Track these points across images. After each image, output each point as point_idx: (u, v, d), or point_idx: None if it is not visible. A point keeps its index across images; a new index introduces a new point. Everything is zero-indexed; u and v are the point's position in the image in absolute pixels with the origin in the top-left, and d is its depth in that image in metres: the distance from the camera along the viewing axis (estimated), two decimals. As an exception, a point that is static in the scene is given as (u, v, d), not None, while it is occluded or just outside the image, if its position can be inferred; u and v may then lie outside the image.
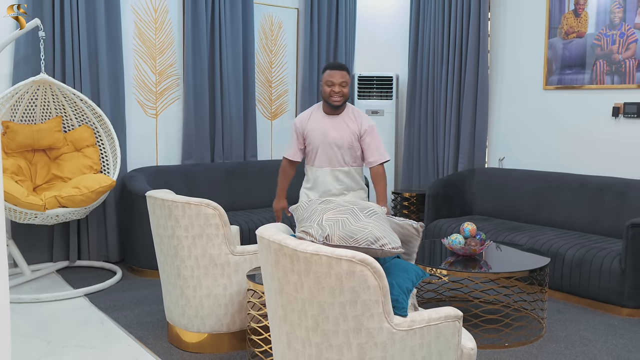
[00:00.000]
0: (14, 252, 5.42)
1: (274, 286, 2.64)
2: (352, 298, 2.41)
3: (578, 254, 5.01)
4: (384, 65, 8.02)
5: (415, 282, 2.83)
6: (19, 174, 5.36)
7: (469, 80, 6.87)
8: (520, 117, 6.69)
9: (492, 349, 4.10)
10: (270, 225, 2.79)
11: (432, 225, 6.25)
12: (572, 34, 6.11)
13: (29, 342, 4.11)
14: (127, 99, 6.21)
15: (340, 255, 2.38)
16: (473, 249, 4.45)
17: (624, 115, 5.76)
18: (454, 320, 2.72)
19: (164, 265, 4.06)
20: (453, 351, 2.74)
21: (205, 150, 6.62)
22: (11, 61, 5.56)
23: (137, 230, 5.69)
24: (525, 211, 6.23)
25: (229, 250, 3.93)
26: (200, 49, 6.48)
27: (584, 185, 5.85)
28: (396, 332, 2.50)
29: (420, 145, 7.56)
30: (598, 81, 5.93)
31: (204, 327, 3.96)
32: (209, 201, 3.84)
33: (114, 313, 4.73)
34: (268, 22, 7.22)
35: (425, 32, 7.41)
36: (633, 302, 4.73)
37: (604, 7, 5.86)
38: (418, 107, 7.57)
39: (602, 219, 5.64)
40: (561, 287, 5.14)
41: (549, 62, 6.34)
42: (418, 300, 4.93)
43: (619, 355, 4.01)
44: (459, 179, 6.71)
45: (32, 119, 5.61)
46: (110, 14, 5.94)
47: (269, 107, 7.34)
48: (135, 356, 3.94)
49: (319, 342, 2.51)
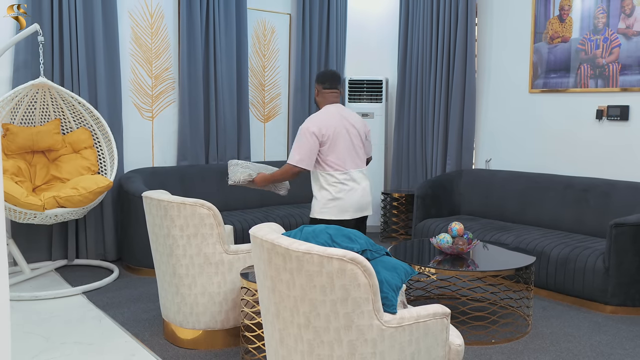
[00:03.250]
0: (14, 251, 5.42)
1: (266, 284, 2.64)
2: (342, 296, 2.42)
3: (563, 253, 5.05)
4: (374, 69, 8.03)
5: (404, 280, 2.80)
6: (19, 175, 5.36)
7: (457, 84, 6.89)
8: (507, 120, 6.71)
9: (479, 346, 4.13)
10: (263, 224, 2.80)
11: (421, 225, 6.28)
12: (557, 39, 6.16)
13: (28, 339, 4.13)
14: (124, 102, 6.23)
15: (331, 254, 2.39)
16: (461, 248, 4.46)
17: (607, 117, 5.80)
18: (442, 318, 2.73)
19: (160, 263, 4.07)
20: (441, 347, 2.75)
21: (200, 152, 6.64)
22: (11, 65, 5.57)
23: (133, 229, 5.70)
24: (511, 211, 6.26)
25: (223, 249, 3.93)
26: (195, 53, 6.50)
27: (569, 186, 5.87)
28: (386, 329, 2.51)
29: (409, 147, 7.57)
30: (582, 85, 5.97)
31: (199, 324, 3.97)
32: (204, 201, 3.85)
33: (111, 310, 4.74)
34: (261, 27, 7.26)
35: (414, 36, 7.42)
36: (616, 299, 4.78)
37: (588, 13, 5.91)
38: (407, 109, 7.59)
39: (586, 219, 5.66)
40: (546, 285, 5.17)
41: (534, 66, 6.38)
42: (407, 297, 4.94)
43: (603, 352, 4.05)
44: (447, 180, 6.73)
45: (31, 122, 5.61)
46: (107, 20, 5.95)
47: (262, 110, 7.38)
48: (131, 352, 3.95)
49: (311, 338, 2.52)
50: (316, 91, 4.45)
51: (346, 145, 4.26)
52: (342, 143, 4.25)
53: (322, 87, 4.40)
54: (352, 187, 4.28)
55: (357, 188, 4.30)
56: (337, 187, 4.25)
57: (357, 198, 4.30)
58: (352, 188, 4.28)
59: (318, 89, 4.43)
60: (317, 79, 4.42)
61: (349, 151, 4.28)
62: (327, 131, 4.19)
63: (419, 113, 7.45)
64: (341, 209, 4.26)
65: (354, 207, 4.30)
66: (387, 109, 7.87)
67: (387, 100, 7.86)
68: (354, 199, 4.29)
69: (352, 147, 4.30)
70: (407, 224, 7.35)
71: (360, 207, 4.34)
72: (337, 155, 4.23)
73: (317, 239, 2.72)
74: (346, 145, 4.26)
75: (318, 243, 2.68)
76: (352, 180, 4.29)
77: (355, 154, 4.33)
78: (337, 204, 4.26)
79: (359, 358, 2.50)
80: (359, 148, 4.37)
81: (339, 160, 4.24)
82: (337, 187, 4.25)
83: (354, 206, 4.30)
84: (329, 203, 4.27)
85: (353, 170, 4.30)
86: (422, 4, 7.27)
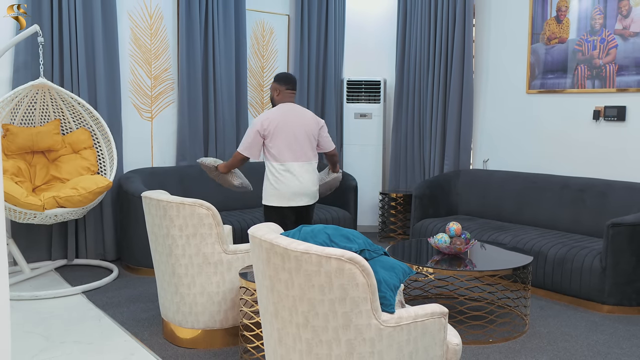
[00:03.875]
0: (14, 250, 5.43)
1: (265, 284, 2.65)
2: (341, 295, 2.42)
3: (560, 253, 5.06)
4: (372, 69, 8.06)
5: (402, 280, 2.81)
6: (19, 175, 5.37)
7: (455, 85, 6.90)
8: (504, 120, 6.73)
9: (477, 345, 4.14)
10: (262, 224, 2.81)
11: (419, 225, 6.30)
12: (554, 40, 6.19)
13: (28, 338, 4.14)
14: (124, 102, 6.25)
15: (329, 254, 2.39)
16: (458, 247, 4.47)
17: (604, 118, 5.81)
18: (439, 317, 2.74)
19: (159, 263, 4.08)
20: (439, 347, 2.76)
21: (199, 152, 6.65)
22: (11, 66, 5.58)
23: (133, 229, 5.71)
24: (508, 211, 6.28)
25: (222, 249, 3.95)
26: (194, 54, 6.52)
27: (566, 186, 5.89)
28: (384, 328, 2.51)
29: (407, 147, 7.59)
30: (579, 85, 5.99)
31: (198, 324, 3.98)
32: (203, 201, 3.86)
33: (110, 310, 4.75)
34: (260, 28, 7.28)
35: (412, 37, 7.44)
36: (613, 299, 4.80)
37: (585, 14, 5.93)
38: (405, 110, 7.60)
39: (583, 219, 5.68)
40: (544, 285, 5.19)
41: (531, 67, 6.40)
42: (405, 297, 4.98)
43: (600, 351, 4.06)
44: (445, 180, 6.75)
45: (31, 122, 5.62)
46: (107, 21, 5.97)
47: (261, 111, 7.38)
48: (131, 351, 3.96)
49: (309, 337, 2.52)
50: (277, 91, 4.88)
51: (287, 140, 4.69)
52: (284, 138, 4.69)
53: (284, 87, 4.86)
54: (289, 178, 4.70)
55: (293, 180, 4.71)
56: (275, 176, 4.72)
57: (294, 189, 4.71)
58: (288, 179, 4.70)
59: (279, 89, 4.87)
60: (280, 81, 4.88)
61: (290, 145, 4.70)
62: (269, 126, 4.67)
63: (416, 113, 7.46)
64: (279, 197, 4.73)
65: (288, 196, 4.73)
66: (385, 109, 7.89)
67: (385, 101, 7.88)
68: (291, 189, 4.71)
69: (294, 141, 4.71)
70: (405, 224, 7.37)
71: (300, 196, 4.76)
72: (277, 148, 4.68)
73: (316, 238, 2.74)
74: (287, 140, 4.69)
75: (316, 243, 2.70)
76: (288, 171, 4.70)
77: (299, 148, 4.73)
78: (276, 193, 4.73)
79: (357, 357, 2.51)
80: (304, 143, 4.76)
81: (278, 154, 4.69)
82: (275, 177, 4.72)
83: (289, 195, 4.72)
84: (270, 191, 4.75)
85: (291, 162, 4.71)
86: (420, 5, 7.29)
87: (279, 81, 4.87)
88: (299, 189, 4.73)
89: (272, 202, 4.75)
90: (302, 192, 4.75)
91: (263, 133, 4.69)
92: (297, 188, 4.72)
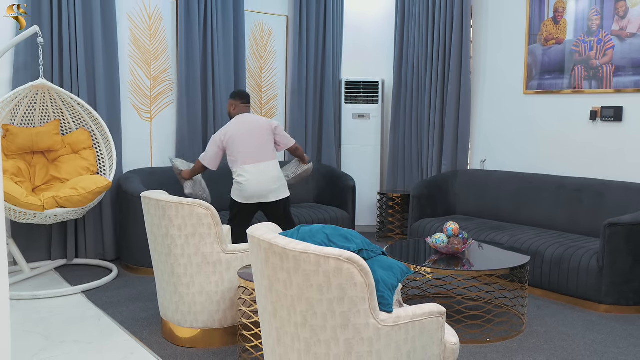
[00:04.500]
0: (14, 250, 5.43)
1: (264, 283, 2.65)
2: (339, 295, 2.43)
3: (557, 253, 5.07)
4: (370, 70, 8.06)
5: (400, 279, 2.82)
6: (19, 175, 5.38)
7: (452, 85, 6.92)
8: (502, 121, 6.74)
9: (474, 344, 4.15)
10: (260, 224, 2.82)
11: (417, 225, 6.32)
12: (552, 41, 6.20)
13: (28, 337, 4.15)
14: (123, 103, 6.26)
15: (328, 254, 2.40)
16: (456, 247, 4.49)
17: (601, 118, 5.83)
18: (437, 316, 2.75)
19: (158, 263, 4.09)
20: (437, 346, 2.77)
21: (197, 152, 6.63)
22: (11, 67, 5.59)
23: (132, 229, 5.72)
24: (506, 211, 6.29)
25: (220, 248, 3.96)
26: (193, 55, 6.53)
27: (563, 186, 5.90)
28: (382, 328, 2.52)
29: (405, 147, 7.61)
30: (576, 86, 6.01)
31: (197, 323, 4.00)
32: (202, 201, 3.87)
33: (110, 309, 4.77)
34: (258, 29, 7.30)
35: (410, 38, 7.46)
36: (610, 298, 4.81)
37: (582, 15, 5.95)
38: (403, 111, 7.62)
39: (580, 219, 5.69)
40: (541, 284, 5.21)
41: (529, 68, 6.42)
42: (403, 297, 4.98)
43: (597, 350, 4.08)
44: (443, 180, 6.77)
45: (31, 123, 5.64)
46: (106, 22, 5.98)
47: (260, 111, 7.40)
48: (130, 351, 3.97)
49: (308, 337, 2.53)
50: (233, 106, 5.45)
51: (244, 146, 5.21)
52: (240, 145, 5.22)
53: (240, 102, 5.44)
54: (248, 178, 5.19)
55: (251, 179, 5.19)
56: (237, 178, 5.25)
57: (255, 188, 5.21)
58: (247, 179, 5.20)
59: (235, 104, 5.44)
60: (236, 97, 5.45)
61: (248, 150, 5.21)
62: (225, 138, 5.25)
63: (414, 114, 7.48)
64: (244, 196, 5.25)
65: (250, 195, 5.23)
66: (383, 110, 7.91)
67: (383, 102, 7.90)
68: (252, 188, 5.21)
69: (251, 146, 5.22)
70: (403, 223, 7.38)
71: (260, 194, 5.25)
72: (236, 155, 5.23)
73: (314, 238, 2.75)
74: (244, 146, 5.21)
75: (315, 243, 2.71)
76: (246, 173, 5.20)
77: (255, 151, 5.23)
78: (241, 193, 5.25)
79: (355, 357, 2.52)
80: (260, 146, 5.26)
81: (238, 160, 5.22)
82: (237, 179, 5.25)
83: (248, 195, 5.23)
84: (237, 190, 5.28)
85: (250, 165, 5.21)
86: (418, 6, 7.31)
87: (234, 97, 5.46)
88: (257, 190, 5.22)
89: (237, 198, 5.30)
90: (262, 192, 5.25)
91: (222, 146, 5.28)
92: (256, 188, 5.21)
